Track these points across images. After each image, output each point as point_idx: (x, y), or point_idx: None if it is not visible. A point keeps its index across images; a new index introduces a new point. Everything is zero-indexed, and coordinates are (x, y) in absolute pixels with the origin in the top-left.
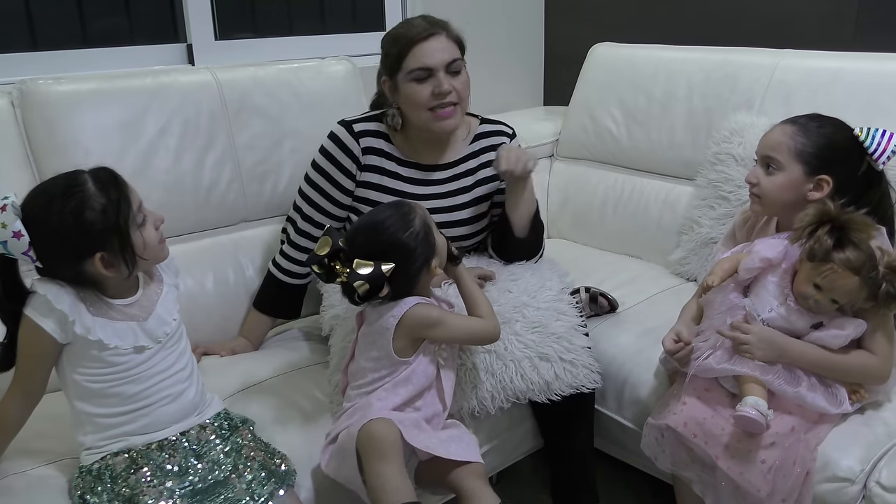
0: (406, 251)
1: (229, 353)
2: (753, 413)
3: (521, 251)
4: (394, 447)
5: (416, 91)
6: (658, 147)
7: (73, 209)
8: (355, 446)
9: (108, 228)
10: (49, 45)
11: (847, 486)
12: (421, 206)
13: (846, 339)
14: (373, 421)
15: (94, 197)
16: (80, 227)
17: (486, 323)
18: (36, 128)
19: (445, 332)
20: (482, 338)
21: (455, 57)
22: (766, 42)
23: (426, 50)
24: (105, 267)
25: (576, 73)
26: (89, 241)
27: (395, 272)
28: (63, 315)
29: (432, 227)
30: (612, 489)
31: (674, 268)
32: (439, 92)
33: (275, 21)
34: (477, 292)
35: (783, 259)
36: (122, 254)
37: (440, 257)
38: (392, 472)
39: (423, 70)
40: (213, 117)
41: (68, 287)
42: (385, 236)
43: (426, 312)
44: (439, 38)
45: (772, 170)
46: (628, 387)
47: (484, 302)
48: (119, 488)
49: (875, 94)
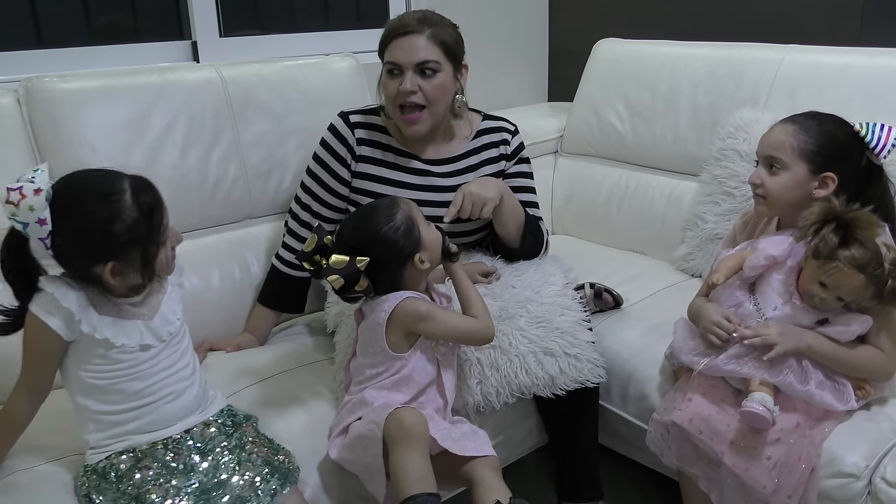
0: (385, 245)
1: (234, 348)
2: (760, 409)
3: (522, 256)
4: (422, 436)
5: (387, 84)
6: (662, 143)
7: (106, 217)
8: (381, 434)
9: (131, 242)
10: (54, 42)
11: (852, 482)
12: (407, 201)
13: (852, 336)
14: (402, 409)
15: (128, 209)
16: (106, 235)
17: (478, 323)
18: (42, 125)
19: (436, 328)
20: (474, 337)
21: (429, 59)
22: (771, 37)
23: (401, 46)
24: (113, 275)
25: (580, 69)
26: (109, 250)
27: (376, 266)
28: (70, 313)
29: (417, 220)
30: (616, 485)
31: (678, 264)
32: (402, 90)
33: (279, 18)
34: (472, 291)
35: (788, 257)
36: (142, 268)
37: (429, 252)
38: (419, 459)
39: (394, 65)
40: (218, 114)
41: (76, 285)
42: (365, 231)
43: (415, 306)
44: (418, 36)
45: (775, 170)
46: (633, 383)
47: (478, 302)
48: (125, 487)
49: (881, 90)
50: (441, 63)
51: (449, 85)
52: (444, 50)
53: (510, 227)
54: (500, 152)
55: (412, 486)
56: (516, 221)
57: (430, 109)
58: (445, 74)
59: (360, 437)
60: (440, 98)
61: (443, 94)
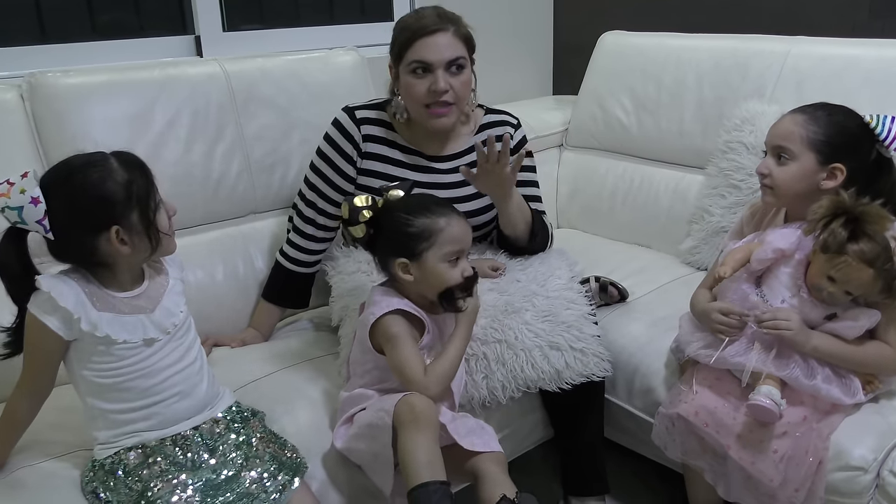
0: (391, 225)
1: (239, 344)
2: (767, 402)
3: (528, 252)
4: (432, 420)
5: (413, 85)
6: (668, 136)
7: (95, 180)
8: (391, 422)
9: (129, 200)
10: (58, 37)
11: (860, 475)
12: (464, 226)
13: (861, 330)
14: (412, 394)
15: (117, 171)
16: (101, 198)
17: (421, 379)
18: (45, 120)
19: (391, 355)
20: (408, 385)
21: (458, 55)
22: (777, 29)
23: (429, 45)
24: (120, 242)
25: (585, 62)
26: (108, 212)
27: (378, 234)
28: (67, 313)
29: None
30: (622, 478)
31: (684, 257)
32: (435, 90)
33: (282, 12)
34: (452, 351)
35: (796, 250)
36: (145, 231)
37: (423, 274)
38: (429, 443)
39: (422, 64)
40: (221, 109)
41: (72, 282)
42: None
43: (390, 324)
44: (445, 34)
45: (784, 160)
46: (639, 376)
47: (447, 363)
48: (132, 482)
49: (889, 81)
50: (466, 58)
51: (471, 80)
52: (466, 45)
53: (519, 225)
54: None
55: (422, 471)
56: (524, 219)
57: (457, 106)
58: (469, 70)
59: (368, 426)
60: (467, 94)
61: (468, 90)
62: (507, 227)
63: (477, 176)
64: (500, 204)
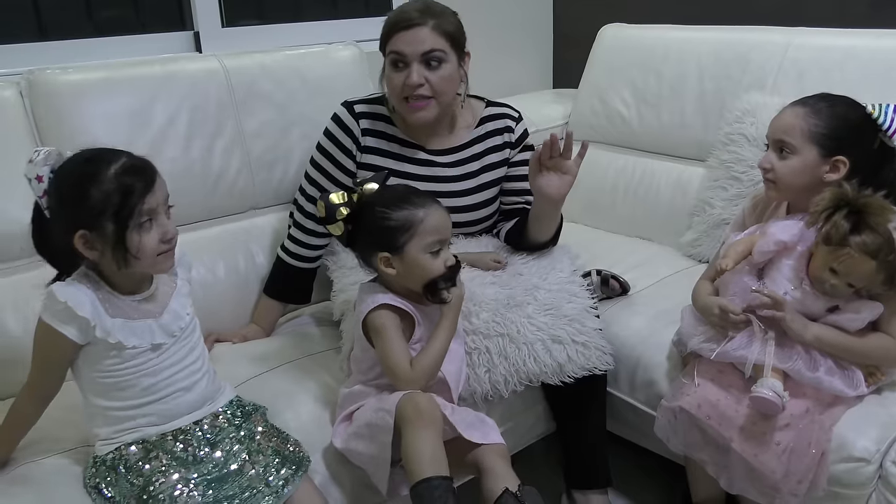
0: (370, 216)
1: (241, 339)
2: (770, 394)
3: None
4: (436, 417)
5: (391, 77)
6: (669, 128)
7: (80, 180)
8: (393, 422)
9: (103, 208)
10: (57, 34)
11: (863, 466)
12: (443, 216)
13: (863, 323)
14: (415, 392)
15: (108, 179)
16: (80, 198)
17: (407, 373)
18: (45, 117)
19: (379, 348)
20: (394, 380)
21: (434, 48)
22: (777, 20)
23: (405, 38)
24: (85, 246)
25: (585, 55)
26: (78, 216)
27: (357, 228)
28: (85, 321)
29: (419, 233)
30: (624, 471)
31: (685, 250)
32: (408, 83)
33: (282, 8)
34: (437, 343)
35: (798, 242)
36: (114, 246)
37: (406, 268)
38: (433, 439)
39: (399, 57)
40: (221, 105)
41: (85, 289)
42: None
43: (380, 317)
44: (422, 28)
45: (785, 153)
46: (641, 369)
47: (432, 356)
48: (134, 478)
49: (890, 72)
50: (447, 53)
51: (455, 75)
52: (448, 40)
53: (550, 233)
54: (504, 140)
55: (425, 467)
56: (556, 227)
57: (437, 100)
58: (451, 65)
59: (368, 426)
60: (446, 89)
61: (449, 85)
62: (537, 233)
63: (541, 177)
64: (553, 211)
